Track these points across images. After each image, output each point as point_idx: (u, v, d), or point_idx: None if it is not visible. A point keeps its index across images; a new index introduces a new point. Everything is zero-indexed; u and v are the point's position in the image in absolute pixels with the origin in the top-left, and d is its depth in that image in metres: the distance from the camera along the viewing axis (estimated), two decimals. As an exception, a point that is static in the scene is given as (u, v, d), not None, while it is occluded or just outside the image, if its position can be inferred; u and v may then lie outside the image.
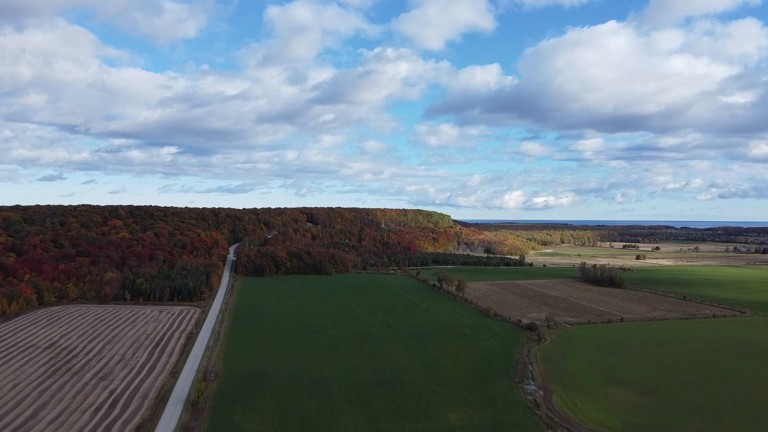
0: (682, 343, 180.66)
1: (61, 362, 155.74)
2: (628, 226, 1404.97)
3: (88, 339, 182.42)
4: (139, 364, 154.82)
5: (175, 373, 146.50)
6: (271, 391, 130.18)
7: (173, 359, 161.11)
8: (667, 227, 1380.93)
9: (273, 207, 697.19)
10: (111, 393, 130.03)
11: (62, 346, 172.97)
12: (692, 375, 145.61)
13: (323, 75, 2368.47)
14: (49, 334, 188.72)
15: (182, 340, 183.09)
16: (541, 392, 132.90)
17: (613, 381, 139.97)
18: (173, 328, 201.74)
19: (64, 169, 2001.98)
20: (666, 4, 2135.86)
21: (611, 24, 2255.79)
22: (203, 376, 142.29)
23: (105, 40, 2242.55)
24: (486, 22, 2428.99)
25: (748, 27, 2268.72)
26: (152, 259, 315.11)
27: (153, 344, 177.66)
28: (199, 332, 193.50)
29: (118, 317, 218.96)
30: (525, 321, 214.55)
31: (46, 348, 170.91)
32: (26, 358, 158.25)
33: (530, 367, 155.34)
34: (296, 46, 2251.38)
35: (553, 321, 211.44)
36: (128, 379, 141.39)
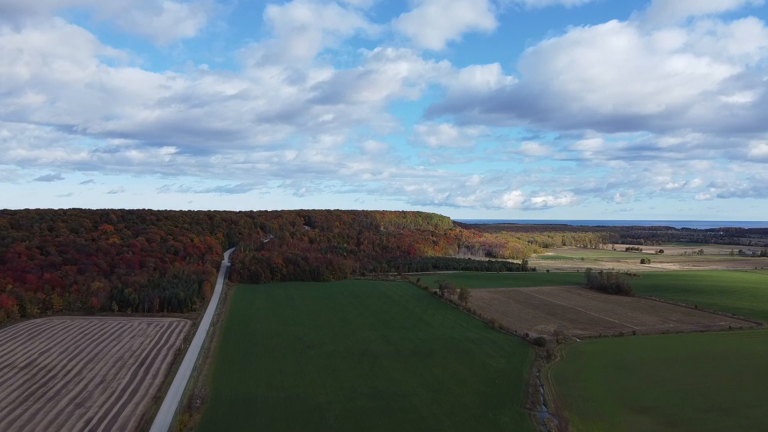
0: (702, 361, 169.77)
1: (36, 385, 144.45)
2: (628, 227, 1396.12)
3: (69, 357, 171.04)
4: (120, 387, 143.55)
5: (158, 398, 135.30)
6: (261, 422, 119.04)
7: (158, 381, 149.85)
8: (668, 228, 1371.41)
9: (270, 210, 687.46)
10: (86, 423, 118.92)
11: (40, 366, 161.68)
12: (718, 400, 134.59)
13: (323, 75, 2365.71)
14: (28, 351, 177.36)
15: (169, 358, 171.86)
16: (556, 421, 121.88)
17: (633, 408, 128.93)
18: (161, 343, 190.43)
19: (62, 169, 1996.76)
20: (668, 3, 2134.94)
21: (613, 23, 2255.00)
22: (188, 402, 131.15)
23: (104, 39, 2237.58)
24: (487, 22, 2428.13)
25: (750, 27, 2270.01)
26: (143, 267, 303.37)
27: (138, 363, 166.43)
28: (187, 348, 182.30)
29: (103, 331, 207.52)
30: (532, 334, 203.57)
31: (23, 368, 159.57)
32: (0, 380, 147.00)
33: (541, 389, 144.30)
34: (296, 45, 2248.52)
35: (562, 334, 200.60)
36: (107, 405, 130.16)
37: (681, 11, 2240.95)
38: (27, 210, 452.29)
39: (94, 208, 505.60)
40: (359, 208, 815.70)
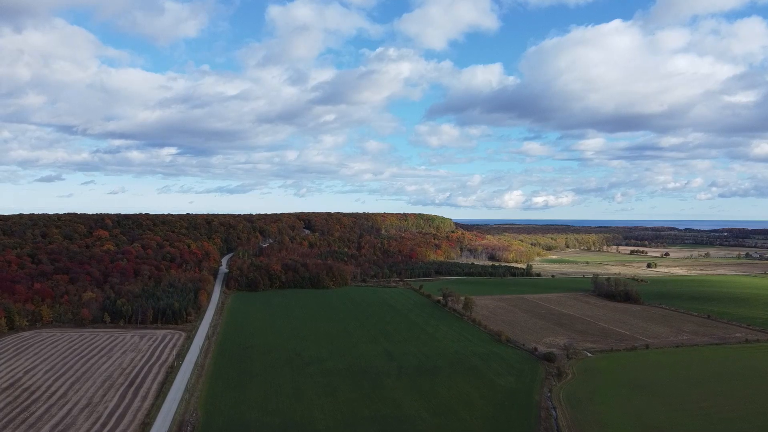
0: (722, 380, 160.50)
1: (18, 410, 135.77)
2: (630, 228, 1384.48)
3: (55, 376, 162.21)
4: (107, 412, 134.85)
5: (146, 425, 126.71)
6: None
7: (147, 404, 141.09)
8: (671, 228, 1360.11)
9: (270, 212, 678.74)
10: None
11: (24, 386, 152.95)
12: (742, 426, 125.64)
13: (324, 75, 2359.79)
14: (13, 370, 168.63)
15: (160, 377, 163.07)
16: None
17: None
18: (152, 359, 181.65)
19: (63, 170, 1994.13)
20: (673, 2, 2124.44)
21: (616, 23, 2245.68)
22: (178, 430, 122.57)
23: (105, 40, 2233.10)
24: (489, 22, 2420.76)
25: (754, 26, 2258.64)
26: (137, 275, 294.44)
27: (127, 382, 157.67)
28: (180, 365, 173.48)
29: (93, 346, 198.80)
30: (541, 348, 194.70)
31: (6, 389, 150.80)
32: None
33: (554, 413, 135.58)
34: (297, 45, 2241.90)
35: (572, 348, 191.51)
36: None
37: (685, 10, 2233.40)
38: (21, 215, 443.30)
39: (95, 208, 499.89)
40: (360, 208, 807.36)
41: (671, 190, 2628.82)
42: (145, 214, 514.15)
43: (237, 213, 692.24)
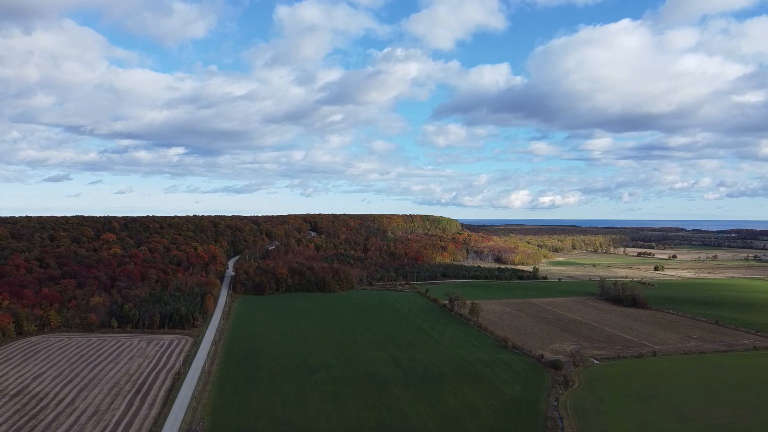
0: (731, 389, 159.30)
1: (26, 417, 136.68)
2: (637, 228, 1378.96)
3: (64, 382, 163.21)
4: (114, 420, 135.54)
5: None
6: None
7: (154, 412, 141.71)
8: (678, 229, 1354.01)
9: (276, 214, 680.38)
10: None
11: (32, 393, 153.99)
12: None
13: (332, 75, 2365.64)
14: (21, 376, 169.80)
15: (167, 384, 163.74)
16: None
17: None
18: (159, 365, 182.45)
19: (71, 169, 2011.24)
20: (683, 1, 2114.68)
21: (625, 22, 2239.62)
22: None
23: (113, 41, 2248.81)
24: (497, 22, 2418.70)
25: (764, 25, 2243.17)
26: (144, 279, 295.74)
27: (134, 389, 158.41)
28: (187, 372, 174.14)
29: (101, 351, 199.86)
30: (548, 355, 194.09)
31: (14, 396, 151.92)
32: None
33: (561, 423, 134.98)
34: (305, 46, 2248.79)
35: (579, 355, 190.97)
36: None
37: (695, 10, 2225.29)
38: (29, 218, 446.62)
39: (102, 208, 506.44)
40: (366, 208, 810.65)
41: (679, 190, 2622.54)
42: (152, 216, 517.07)
43: (243, 214, 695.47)
